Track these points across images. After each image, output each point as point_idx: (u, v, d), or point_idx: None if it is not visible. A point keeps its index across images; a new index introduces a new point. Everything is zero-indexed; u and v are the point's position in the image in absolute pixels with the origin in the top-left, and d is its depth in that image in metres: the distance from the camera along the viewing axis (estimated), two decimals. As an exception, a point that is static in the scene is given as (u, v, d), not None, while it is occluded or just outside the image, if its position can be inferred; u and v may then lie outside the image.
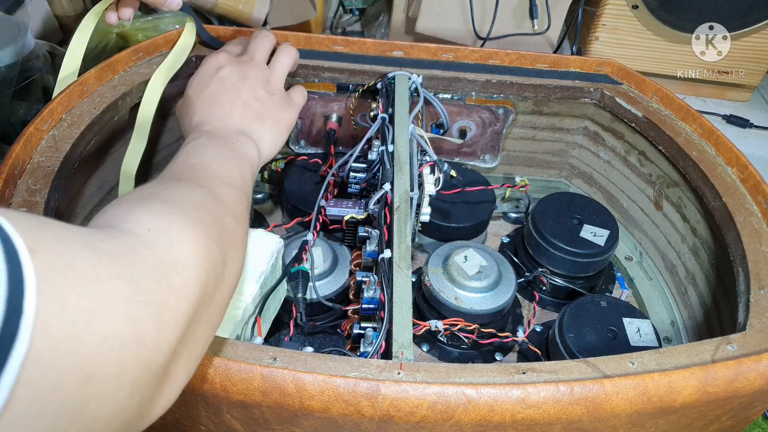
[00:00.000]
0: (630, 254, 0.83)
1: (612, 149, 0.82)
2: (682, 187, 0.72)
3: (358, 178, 0.71)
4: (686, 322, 0.73)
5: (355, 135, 0.82)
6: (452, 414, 0.42)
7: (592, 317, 0.65)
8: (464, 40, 1.05)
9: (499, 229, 0.86)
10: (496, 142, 0.84)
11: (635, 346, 0.62)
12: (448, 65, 0.77)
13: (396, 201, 0.59)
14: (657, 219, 0.78)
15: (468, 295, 0.65)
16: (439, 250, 0.69)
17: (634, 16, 1.05)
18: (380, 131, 0.69)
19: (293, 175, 0.81)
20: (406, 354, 0.46)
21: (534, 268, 0.75)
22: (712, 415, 0.47)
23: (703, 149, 0.68)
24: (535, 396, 0.42)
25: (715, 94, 1.19)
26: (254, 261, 0.57)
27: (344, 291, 0.67)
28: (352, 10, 1.24)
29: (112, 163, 0.72)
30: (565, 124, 0.83)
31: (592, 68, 0.79)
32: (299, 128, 0.83)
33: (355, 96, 0.78)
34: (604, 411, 0.43)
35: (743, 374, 0.45)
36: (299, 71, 0.76)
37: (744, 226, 0.59)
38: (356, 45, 0.76)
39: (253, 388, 0.42)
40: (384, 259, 0.55)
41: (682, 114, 0.72)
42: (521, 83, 0.77)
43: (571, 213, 0.75)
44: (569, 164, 0.88)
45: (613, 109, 0.77)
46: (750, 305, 0.51)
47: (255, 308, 0.56)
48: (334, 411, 0.42)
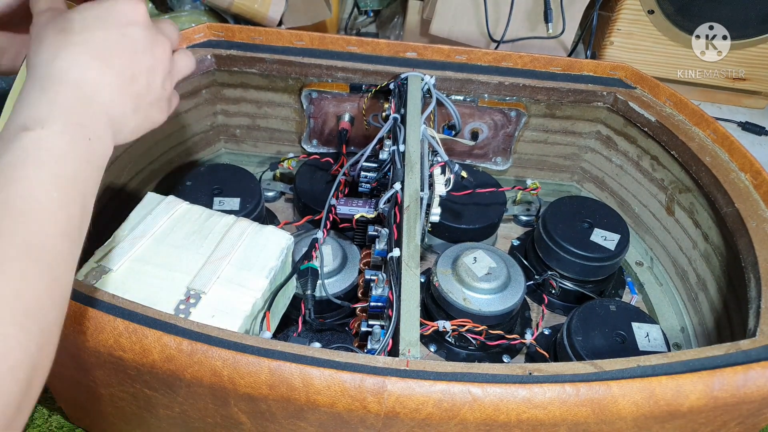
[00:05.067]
0: (641, 259, 0.83)
1: (624, 154, 0.81)
2: (695, 193, 0.72)
3: (369, 178, 0.72)
4: (696, 328, 0.72)
5: (367, 135, 0.82)
6: (458, 412, 0.42)
7: (601, 321, 0.64)
8: (478, 43, 1.05)
9: (510, 231, 0.86)
10: (508, 145, 0.84)
11: (644, 351, 0.61)
12: (461, 67, 0.77)
13: (406, 200, 0.59)
14: (668, 224, 0.77)
15: (477, 296, 0.65)
16: (448, 251, 0.69)
17: (650, 20, 1.05)
18: (392, 131, 0.69)
19: (305, 173, 0.82)
20: (413, 351, 0.46)
21: (543, 271, 0.75)
22: (719, 420, 0.46)
23: (717, 155, 0.68)
24: (541, 396, 0.42)
25: (731, 100, 1.18)
26: (264, 257, 0.57)
27: (353, 289, 0.67)
28: (366, 11, 1.24)
29: (117, 164, 0.73)
30: (578, 128, 0.83)
31: (605, 72, 0.79)
32: (311, 128, 0.84)
33: (367, 96, 0.78)
34: (610, 413, 0.43)
35: (752, 380, 0.44)
36: (312, 70, 0.77)
37: (756, 232, 0.58)
38: (370, 45, 0.77)
39: (261, 381, 0.42)
40: (393, 257, 0.56)
41: (696, 119, 0.71)
42: (534, 86, 0.77)
43: (582, 217, 0.75)
44: (581, 168, 0.87)
45: (626, 114, 0.77)
46: (761, 312, 0.51)
47: (264, 303, 0.56)
48: (340, 406, 0.42)
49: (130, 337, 0.44)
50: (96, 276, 0.53)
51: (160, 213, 0.59)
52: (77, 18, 0.40)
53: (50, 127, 0.35)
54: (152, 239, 0.57)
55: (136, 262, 0.54)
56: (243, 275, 0.55)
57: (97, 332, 0.44)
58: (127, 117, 0.42)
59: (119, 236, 0.57)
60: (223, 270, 0.55)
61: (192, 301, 0.52)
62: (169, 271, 0.54)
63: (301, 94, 0.80)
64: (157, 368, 0.44)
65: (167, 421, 0.52)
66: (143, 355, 0.44)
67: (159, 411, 0.51)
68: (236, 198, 0.74)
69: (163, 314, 0.46)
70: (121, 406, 0.53)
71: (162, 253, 0.56)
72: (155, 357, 0.44)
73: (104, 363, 0.47)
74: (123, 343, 0.44)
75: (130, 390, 0.49)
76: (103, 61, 0.40)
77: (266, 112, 0.83)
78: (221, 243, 0.57)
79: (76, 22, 0.40)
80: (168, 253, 0.56)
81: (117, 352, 0.44)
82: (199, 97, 0.80)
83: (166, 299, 0.52)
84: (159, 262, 0.55)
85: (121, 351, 0.44)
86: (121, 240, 0.56)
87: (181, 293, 0.53)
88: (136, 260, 0.55)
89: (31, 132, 0.34)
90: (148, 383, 0.47)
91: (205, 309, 0.52)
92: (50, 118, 0.35)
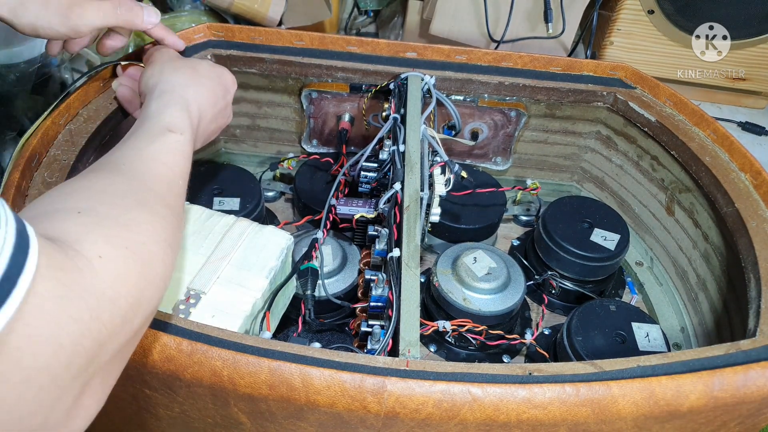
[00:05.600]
0: (641, 259, 0.83)
1: (624, 154, 0.81)
2: (695, 193, 0.71)
3: (369, 178, 0.72)
4: (696, 328, 0.72)
5: (367, 135, 0.82)
6: (458, 412, 0.42)
7: (600, 321, 0.64)
8: (478, 43, 1.05)
9: (510, 231, 0.86)
10: (508, 145, 0.84)
11: (644, 351, 0.61)
12: (461, 67, 0.77)
13: (406, 200, 0.59)
14: (668, 224, 0.77)
15: (476, 296, 0.65)
16: (448, 251, 0.69)
17: (650, 21, 1.05)
18: (392, 131, 0.69)
19: (305, 173, 0.82)
20: (412, 351, 0.46)
21: (544, 271, 0.75)
22: (719, 420, 0.46)
23: (717, 155, 0.68)
24: (540, 396, 0.42)
25: (731, 101, 1.18)
26: (264, 257, 0.57)
27: (353, 289, 0.67)
28: (366, 11, 1.24)
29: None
30: (578, 128, 0.83)
31: (605, 72, 0.79)
32: (311, 128, 0.84)
33: (367, 96, 0.78)
34: (610, 413, 0.43)
35: (752, 380, 0.44)
36: (312, 70, 0.77)
37: (756, 232, 0.58)
38: (370, 45, 0.77)
39: (261, 381, 0.42)
40: (393, 257, 0.56)
41: (696, 119, 0.71)
42: (534, 86, 0.77)
43: (582, 217, 0.75)
44: (581, 168, 0.87)
45: (626, 114, 0.77)
46: (761, 311, 0.51)
47: (264, 303, 0.56)
48: (340, 406, 0.42)
49: (130, 337, 0.44)
50: (96, 276, 0.52)
51: (160, 213, 0.59)
52: (204, 66, 0.57)
53: (186, 136, 0.47)
54: (152, 239, 0.57)
55: (136, 262, 0.54)
56: (243, 275, 0.55)
57: (97, 332, 0.44)
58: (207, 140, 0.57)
59: (119, 236, 0.56)
60: (223, 270, 0.55)
61: (192, 301, 0.52)
62: (169, 271, 0.54)
63: (301, 94, 0.80)
64: (156, 368, 0.44)
65: (167, 421, 0.52)
66: (143, 355, 0.44)
67: (159, 411, 0.51)
68: (236, 198, 0.74)
69: (162, 314, 0.46)
70: (121, 406, 0.53)
71: (162, 253, 0.56)
72: (155, 357, 0.44)
73: (104, 363, 0.47)
74: (123, 343, 0.44)
75: (130, 390, 0.49)
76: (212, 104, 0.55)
77: (266, 112, 0.83)
78: (221, 243, 0.57)
79: (204, 69, 0.56)
80: (168, 253, 0.56)
81: (117, 352, 0.44)
82: (199, 97, 0.80)
83: (166, 299, 0.52)
84: (159, 262, 0.55)
85: (121, 351, 0.44)
86: (121, 240, 0.56)
87: (181, 293, 0.52)
88: (136, 260, 0.55)
89: (175, 135, 0.46)
90: (148, 383, 0.47)
91: (205, 309, 0.52)
92: (186, 130, 0.47)
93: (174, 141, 0.46)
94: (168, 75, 0.53)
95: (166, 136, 0.45)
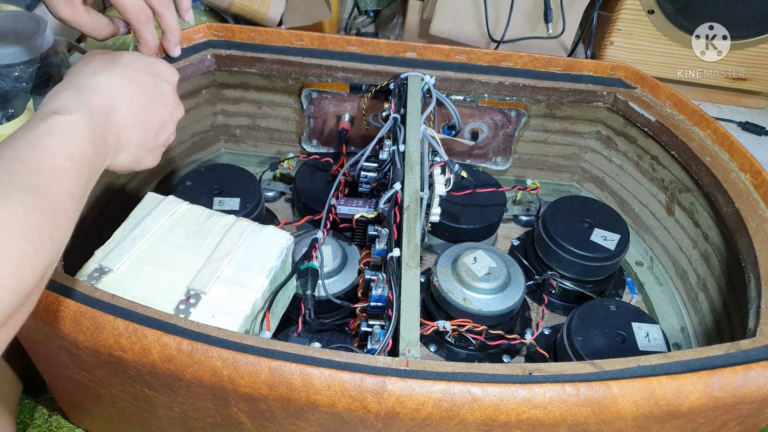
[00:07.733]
0: (641, 259, 0.83)
1: (624, 154, 0.81)
2: (695, 193, 0.72)
3: (369, 178, 0.72)
4: (696, 328, 0.72)
5: (367, 135, 0.82)
6: (458, 412, 0.42)
7: (601, 321, 0.64)
8: (478, 43, 1.05)
9: (510, 231, 0.86)
10: (508, 145, 0.84)
11: (644, 351, 0.61)
12: (461, 67, 0.77)
13: (406, 200, 0.59)
14: (668, 224, 0.77)
15: (477, 296, 0.65)
16: (448, 251, 0.69)
17: (650, 21, 1.05)
18: (392, 131, 0.69)
19: (305, 173, 0.82)
20: (413, 351, 0.46)
21: (544, 271, 0.75)
22: (719, 420, 0.46)
23: (717, 155, 0.68)
24: (541, 396, 0.42)
25: (731, 101, 1.18)
26: (264, 257, 0.57)
27: (353, 289, 0.67)
28: (366, 11, 1.24)
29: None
30: (578, 128, 0.83)
31: (605, 72, 0.79)
32: (311, 128, 0.84)
33: (367, 96, 0.78)
34: (610, 413, 0.43)
35: (752, 380, 0.44)
36: (312, 70, 0.77)
37: (757, 232, 0.58)
38: (370, 45, 0.77)
39: (261, 381, 0.42)
40: (393, 257, 0.56)
41: (696, 119, 0.71)
42: (534, 86, 0.77)
43: (582, 217, 0.75)
44: (581, 168, 0.87)
45: (626, 114, 0.77)
46: (761, 311, 0.51)
47: (264, 303, 0.56)
48: (340, 406, 0.42)
49: (130, 337, 0.44)
50: (96, 276, 0.53)
51: (160, 213, 0.59)
52: (126, 56, 0.51)
53: (77, 116, 0.42)
54: (152, 239, 0.57)
55: (136, 262, 0.54)
56: (243, 275, 0.55)
57: (97, 332, 0.45)
58: (130, 147, 0.49)
59: (119, 236, 0.57)
60: (223, 270, 0.55)
61: (192, 301, 0.52)
62: (169, 271, 0.54)
63: (301, 94, 0.80)
64: (157, 368, 0.44)
65: (167, 421, 0.52)
66: (143, 355, 0.44)
67: (159, 411, 0.51)
68: (236, 198, 0.74)
69: (163, 314, 0.46)
70: (121, 406, 0.53)
71: (162, 253, 0.56)
72: (155, 357, 0.44)
73: (104, 363, 0.47)
74: (123, 343, 0.44)
75: (130, 390, 0.49)
76: (134, 94, 0.49)
77: (266, 112, 0.83)
78: (221, 243, 0.57)
79: (125, 59, 0.50)
80: (168, 253, 0.56)
81: (117, 352, 0.44)
82: (199, 97, 0.80)
83: (166, 299, 0.52)
84: (159, 262, 0.55)
85: (121, 351, 0.44)
86: (121, 240, 0.56)
87: (181, 293, 0.53)
88: (136, 260, 0.55)
89: (60, 116, 0.42)
90: (148, 383, 0.47)
91: (205, 309, 0.52)
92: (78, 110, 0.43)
93: (59, 122, 0.41)
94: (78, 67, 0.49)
95: (49, 119, 0.41)
